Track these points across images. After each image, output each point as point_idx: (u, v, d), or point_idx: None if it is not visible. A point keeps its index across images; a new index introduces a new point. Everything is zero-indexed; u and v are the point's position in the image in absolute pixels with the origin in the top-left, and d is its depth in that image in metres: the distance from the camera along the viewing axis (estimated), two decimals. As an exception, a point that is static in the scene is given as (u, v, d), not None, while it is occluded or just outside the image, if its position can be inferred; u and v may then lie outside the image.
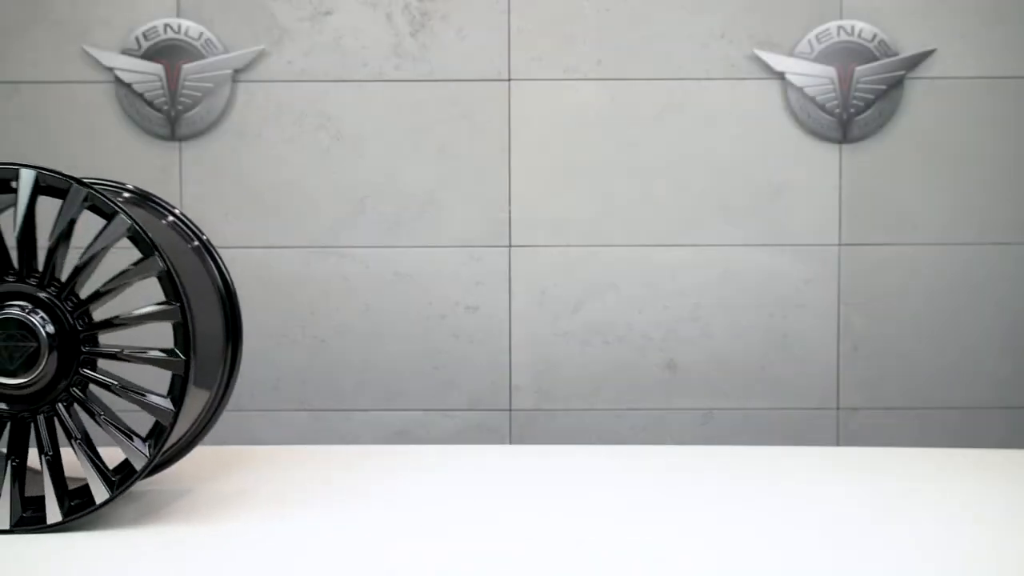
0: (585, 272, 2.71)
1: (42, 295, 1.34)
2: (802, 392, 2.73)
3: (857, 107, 2.68)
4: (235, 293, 1.55)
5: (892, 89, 2.68)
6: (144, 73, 2.67)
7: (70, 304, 1.34)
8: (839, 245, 2.71)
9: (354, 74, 2.70)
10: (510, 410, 2.74)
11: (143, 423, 1.35)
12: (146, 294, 1.41)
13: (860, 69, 2.67)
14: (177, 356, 1.34)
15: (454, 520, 1.39)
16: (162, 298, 1.34)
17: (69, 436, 1.33)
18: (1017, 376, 2.73)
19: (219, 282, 1.54)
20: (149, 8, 2.69)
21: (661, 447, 1.99)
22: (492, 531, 1.36)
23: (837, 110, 2.67)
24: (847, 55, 2.67)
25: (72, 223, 1.33)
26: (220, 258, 1.55)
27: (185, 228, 1.54)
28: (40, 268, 1.34)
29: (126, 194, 1.52)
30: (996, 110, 2.69)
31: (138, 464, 1.33)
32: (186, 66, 2.67)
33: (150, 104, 2.68)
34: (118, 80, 2.68)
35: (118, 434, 1.33)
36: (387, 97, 2.70)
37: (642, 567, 1.22)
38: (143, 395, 1.34)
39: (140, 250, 1.35)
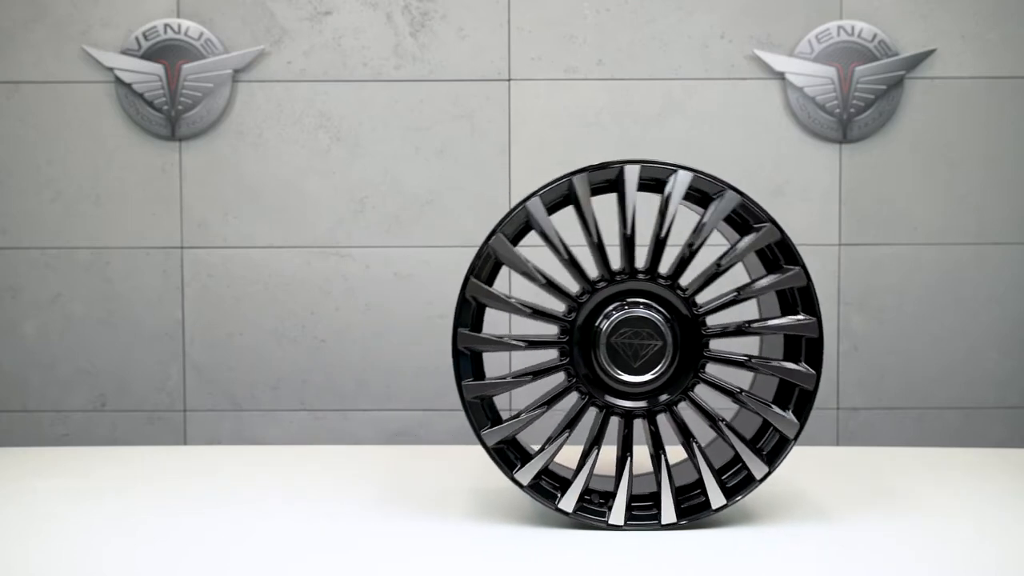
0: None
1: (661, 292, 1.33)
2: (802, 392, 2.72)
3: (857, 107, 2.67)
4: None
5: (892, 89, 2.68)
6: (144, 73, 2.67)
7: (680, 294, 1.33)
8: (839, 245, 2.71)
9: (354, 74, 2.70)
10: (510, 410, 2.73)
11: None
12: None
13: (860, 69, 2.67)
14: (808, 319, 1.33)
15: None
16: None
17: (714, 421, 1.33)
18: (1017, 376, 2.73)
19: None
20: (149, 8, 2.69)
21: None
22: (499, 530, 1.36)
23: (837, 110, 2.67)
24: (847, 55, 2.67)
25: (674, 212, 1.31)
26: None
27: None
28: (644, 265, 1.33)
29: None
30: (995, 110, 2.69)
31: (790, 432, 1.33)
32: (186, 66, 2.67)
33: (150, 104, 2.68)
34: (118, 80, 2.67)
35: (763, 407, 1.33)
36: (387, 97, 2.70)
37: (641, 565, 1.22)
38: (770, 360, 1.35)
39: (736, 228, 1.35)
